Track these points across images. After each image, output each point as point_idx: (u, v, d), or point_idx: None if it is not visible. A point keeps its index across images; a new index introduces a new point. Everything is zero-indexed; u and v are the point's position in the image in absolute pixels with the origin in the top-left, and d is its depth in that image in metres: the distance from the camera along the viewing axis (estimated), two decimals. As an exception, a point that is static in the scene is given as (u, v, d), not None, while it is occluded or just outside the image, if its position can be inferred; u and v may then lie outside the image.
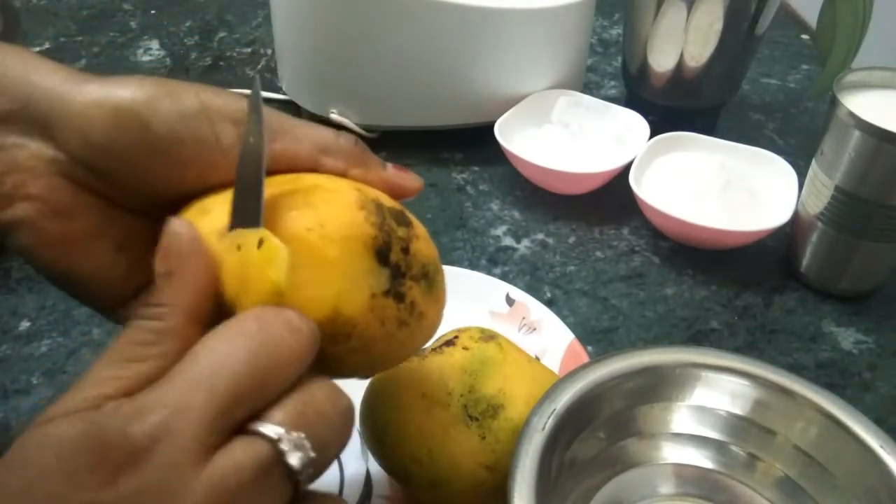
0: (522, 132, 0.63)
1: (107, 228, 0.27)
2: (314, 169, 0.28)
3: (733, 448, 0.37)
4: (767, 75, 0.81)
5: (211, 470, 0.19)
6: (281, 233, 0.24)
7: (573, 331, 0.47)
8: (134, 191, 0.27)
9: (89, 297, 0.28)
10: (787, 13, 0.93)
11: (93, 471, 0.18)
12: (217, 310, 0.24)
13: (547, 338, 0.47)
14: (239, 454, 0.19)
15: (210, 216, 0.26)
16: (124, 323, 0.23)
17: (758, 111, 0.75)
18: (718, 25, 0.60)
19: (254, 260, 0.23)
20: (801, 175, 0.55)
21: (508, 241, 0.58)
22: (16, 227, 0.26)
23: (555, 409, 0.33)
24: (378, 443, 0.36)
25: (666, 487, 0.37)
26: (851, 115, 0.47)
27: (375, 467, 0.40)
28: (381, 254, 0.26)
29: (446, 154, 0.67)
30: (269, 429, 0.20)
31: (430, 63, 0.62)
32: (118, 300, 0.27)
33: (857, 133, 0.47)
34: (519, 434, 0.33)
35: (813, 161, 0.52)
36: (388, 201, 0.28)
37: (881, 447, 0.34)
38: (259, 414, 0.21)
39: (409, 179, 0.30)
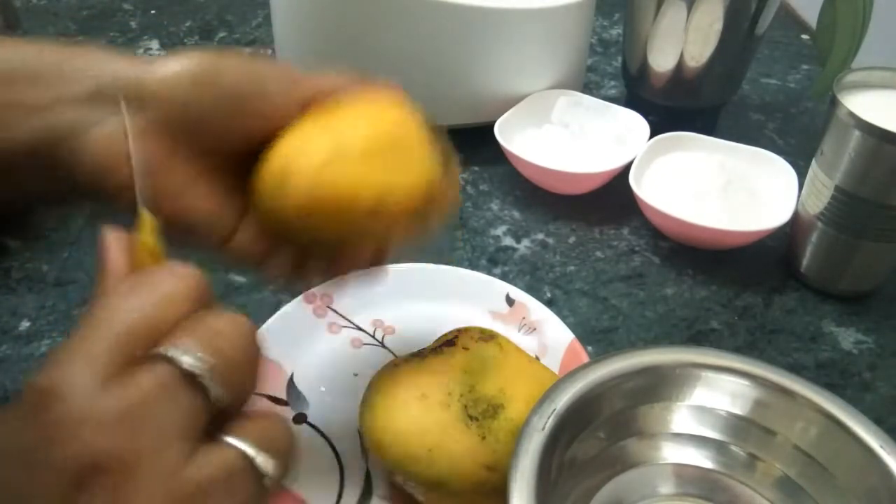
0: (522, 132, 0.63)
1: (200, 180, 0.32)
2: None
3: (733, 448, 0.37)
4: (767, 75, 0.81)
5: (115, 390, 0.21)
6: (379, 137, 0.31)
7: (573, 331, 0.47)
8: (214, 142, 0.31)
9: (205, 239, 0.32)
10: (787, 13, 0.93)
11: (23, 427, 0.21)
12: None
13: (547, 338, 0.47)
14: (139, 374, 0.21)
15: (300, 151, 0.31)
16: (234, 255, 0.33)
17: (758, 111, 0.75)
18: (718, 25, 0.60)
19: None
20: (801, 175, 0.55)
21: (508, 241, 0.58)
22: (125, 187, 0.29)
23: (555, 409, 0.33)
24: (378, 443, 0.36)
25: (666, 487, 0.37)
26: (851, 115, 0.47)
27: (375, 467, 0.40)
28: (431, 129, 0.34)
29: (446, 154, 0.67)
30: (161, 349, 0.22)
31: (430, 63, 0.62)
32: (227, 237, 0.33)
33: (857, 133, 0.47)
34: (519, 434, 0.33)
35: (813, 161, 0.52)
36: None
37: (881, 447, 0.34)
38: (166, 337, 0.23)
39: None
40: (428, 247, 0.57)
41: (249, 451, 0.22)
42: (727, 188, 0.57)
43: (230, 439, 0.22)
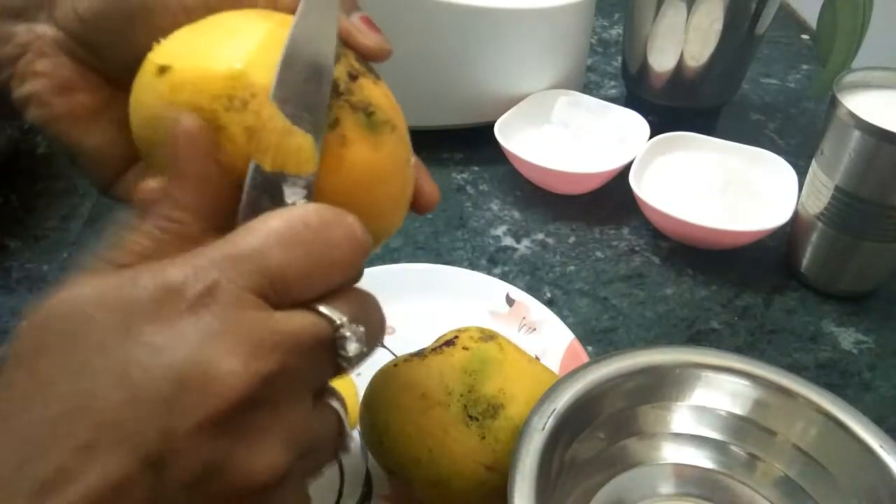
0: (522, 132, 0.63)
1: (109, 106, 0.29)
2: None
3: (733, 448, 0.37)
4: (767, 75, 0.81)
5: (273, 320, 0.20)
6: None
7: (573, 331, 0.47)
8: (123, 64, 0.28)
9: (91, 171, 0.30)
10: (787, 13, 0.93)
11: (156, 315, 0.19)
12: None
13: (547, 338, 0.47)
14: (299, 321, 0.21)
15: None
16: (119, 197, 0.28)
17: (758, 111, 0.75)
18: (718, 25, 0.60)
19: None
20: (801, 175, 0.55)
21: (508, 241, 0.58)
22: (29, 101, 0.28)
23: (555, 409, 0.33)
24: (378, 443, 0.36)
25: (666, 487, 0.37)
26: (851, 115, 0.47)
27: (375, 467, 0.40)
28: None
29: (446, 154, 0.67)
30: (334, 313, 0.21)
31: (430, 63, 0.62)
32: (115, 176, 0.30)
33: (857, 133, 0.47)
34: (519, 434, 0.33)
35: (813, 161, 0.52)
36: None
37: (881, 447, 0.34)
38: (318, 300, 0.22)
39: (375, 39, 0.29)
40: (427, 246, 0.57)
41: (343, 416, 0.23)
42: (727, 188, 0.57)
43: (333, 402, 0.23)
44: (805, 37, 0.89)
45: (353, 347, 0.22)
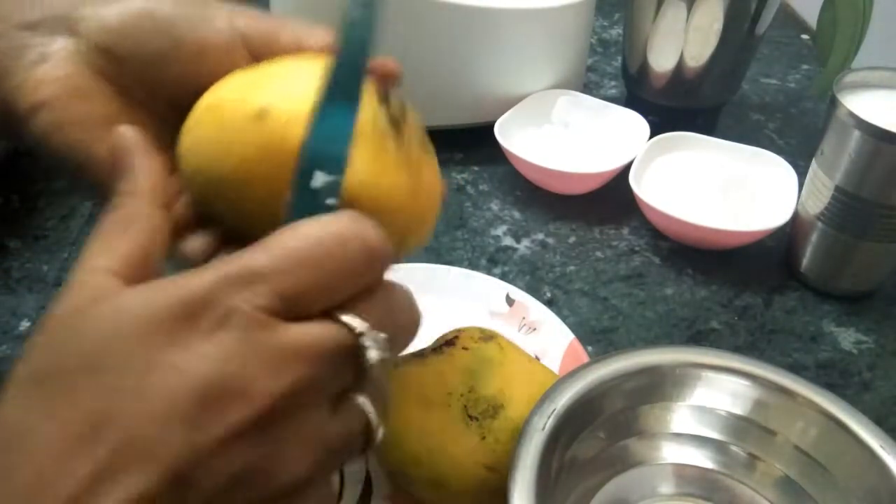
0: (522, 132, 0.63)
1: (122, 118, 0.29)
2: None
3: (733, 448, 0.37)
4: (767, 75, 0.81)
5: (291, 332, 0.20)
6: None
7: (573, 331, 0.47)
8: (144, 78, 0.30)
9: (99, 183, 0.30)
10: (787, 13, 0.93)
11: (175, 337, 0.20)
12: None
13: (547, 338, 0.47)
14: (318, 332, 0.21)
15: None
16: None
17: (758, 111, 0.75)
18: (718, 25, 0.60)
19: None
20: (801, 175, 0.55)
21: (508, 241, 0.58)
22: (41, 107, 0.29)
23: (555, 409, 0.33)
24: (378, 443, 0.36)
25: (666, 487, 0.37)
26: (851, 115, 0.47)
27: (376, 467, 0.40)
28: (382, 97, 0.29)
29: (446, 154, 0.67)
30: (355, 322, 0.22)
31: (430, 63, 0.62)
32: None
33: (857, 133, 0.47)
34: (519, 434, 0.33)
35: (813, 161, 0.52)
36: None
37: (881, 447, 0.34)
38: (343, 305, 0.22)
39: (392, 62, 0.32)
40: (427, 246, 0.57)
41: (373, 418, 0.23)
42: (727, 188, 0.57)
43: (360, 399, 0.23)
44: (805, 37, 0.89)
45: (373, 355, 0.22)
